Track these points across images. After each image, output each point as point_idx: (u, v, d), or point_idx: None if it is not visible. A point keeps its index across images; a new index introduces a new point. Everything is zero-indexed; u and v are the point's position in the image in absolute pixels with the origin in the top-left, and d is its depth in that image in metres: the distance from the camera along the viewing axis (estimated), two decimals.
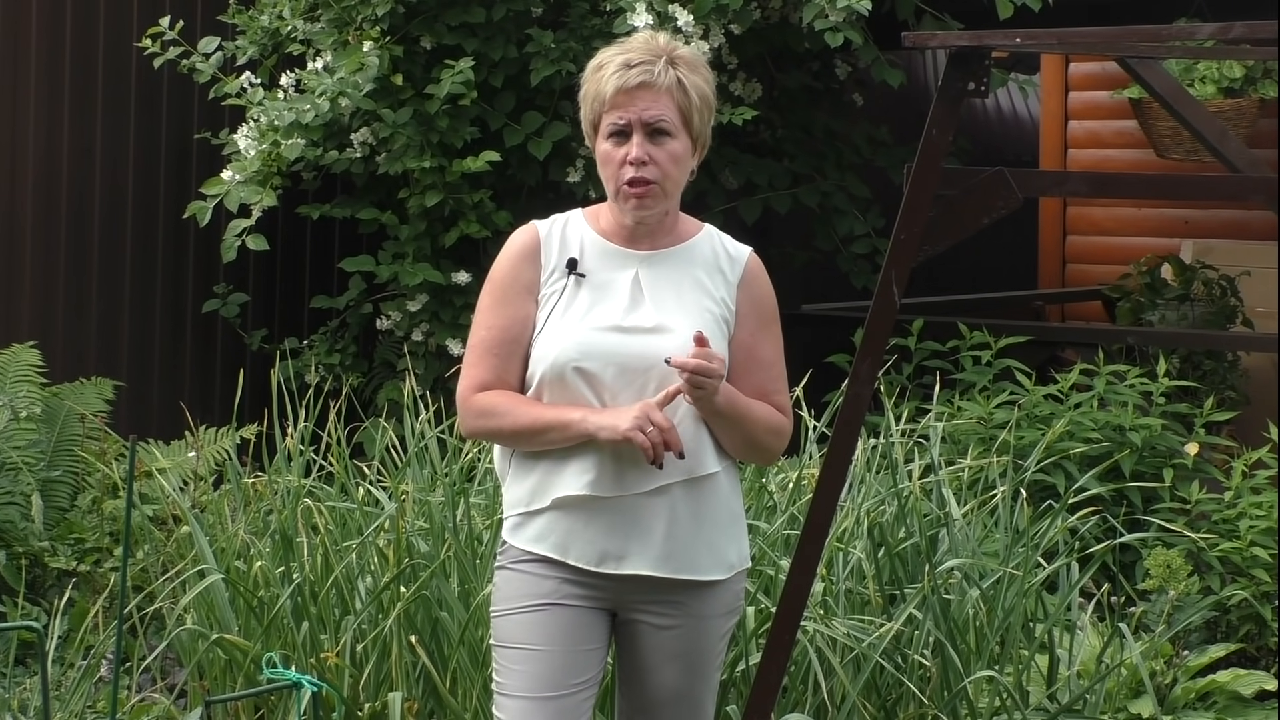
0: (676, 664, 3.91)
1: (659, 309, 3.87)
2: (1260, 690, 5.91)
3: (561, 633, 3.85)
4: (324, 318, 8.31)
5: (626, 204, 3.87)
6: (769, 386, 3.95)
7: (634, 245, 3.92)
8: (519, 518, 3.90)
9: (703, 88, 3.90)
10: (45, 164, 7.98)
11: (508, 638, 3.88)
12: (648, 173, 3.84)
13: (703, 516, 3.86)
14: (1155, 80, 7.70)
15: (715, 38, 7.39)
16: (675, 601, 3.88)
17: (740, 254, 4.00)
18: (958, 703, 5.33)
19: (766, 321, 3.99)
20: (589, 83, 3.92)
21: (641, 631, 3.90)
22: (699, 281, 3.93)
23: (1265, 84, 8.85)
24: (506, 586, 3.90)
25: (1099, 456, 7.01)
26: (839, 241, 8.49)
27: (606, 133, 3.88)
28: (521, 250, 3.94)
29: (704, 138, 3.93)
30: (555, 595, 3.85)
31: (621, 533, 3.83)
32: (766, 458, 4.03)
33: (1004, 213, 4.34)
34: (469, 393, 3.92)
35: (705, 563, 3.88)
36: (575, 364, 3.82)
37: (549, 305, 3.89)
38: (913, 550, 5.67)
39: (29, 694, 5.72)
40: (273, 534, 5.80)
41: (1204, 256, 9.24)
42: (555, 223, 3.97)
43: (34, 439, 6.98)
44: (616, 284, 3.89)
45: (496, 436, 3.93)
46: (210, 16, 8.24)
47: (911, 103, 10.14)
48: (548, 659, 3.84)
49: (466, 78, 7.46)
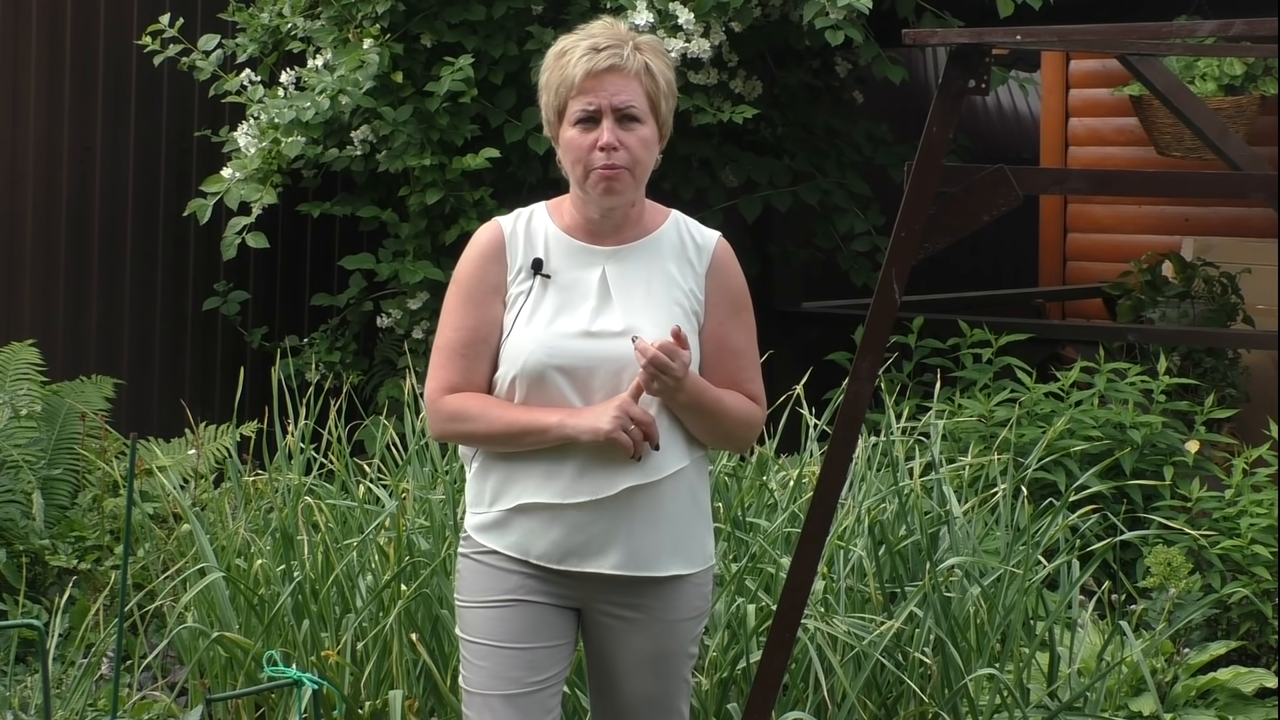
0: (647, 668, 3.88)
1: (627, 310, 3.82)
2: (1261, 687, 5.91)
3: (524, 630, 3.82)
4: (324, 315, 8.31)
5: (596, 189, 3.81)
6: (740, 375, 3.90)
7: (600, 241, 3.87)
8: (479, 514, 3.88)
9: (667, 74, 3.87)
10: (45, 162, 7.98)
11: (472, 631, 3.86)
12: (619, 158, 3.78)
13: (667, 514, 3.83)
14: (1156, 77, 7.70)
15: (716, 35, 7.39)
16: (640, 604, 3.84)
17: (708, 241, 3.93)
18: (958, 701, 5.33)
19: (737, 309, 3.92)
20: (551, 70, 3.87)
21: (609, 635, 3.87)
22: (667, 274, 3.87)
23: (1266, 81, 8.84)
24: (470, 577, 3.88)
25: (1100, 454, 7.01)
26: (839, 239, 8.48)
27: (574, 119, 3.81)
28: (485, 249, 3.88)
29: (668, 125, 3.88)
30: (518, 591, 3.83)
31: (584, 533, 3.80)
32: (739, 446, 4.01)
33: (1004, 210, 4.34)
34: (438, 395, 3.86)
35: (668, 560, 3.84)
36: (551, 366, 3.78)
37: (515, 307, 3.84)
38: (913, 548, 5.67)
39: (30, 692, 5.72)
40: (273, 532, 5.80)
41: (1205, 254, 9.24)
42: (519, 218, 3.91)
43: (34, 437, 6.98)
44: (584, 284, 3.84)
45: (469, 440, 3.88)
46: (210, 14, 8.24)
47: (912, 100, 10.15)
48: (511, 656, 3.82)
49: (467, 75, 7.46)
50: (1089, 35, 4.78)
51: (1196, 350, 8.42)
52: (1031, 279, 10.75)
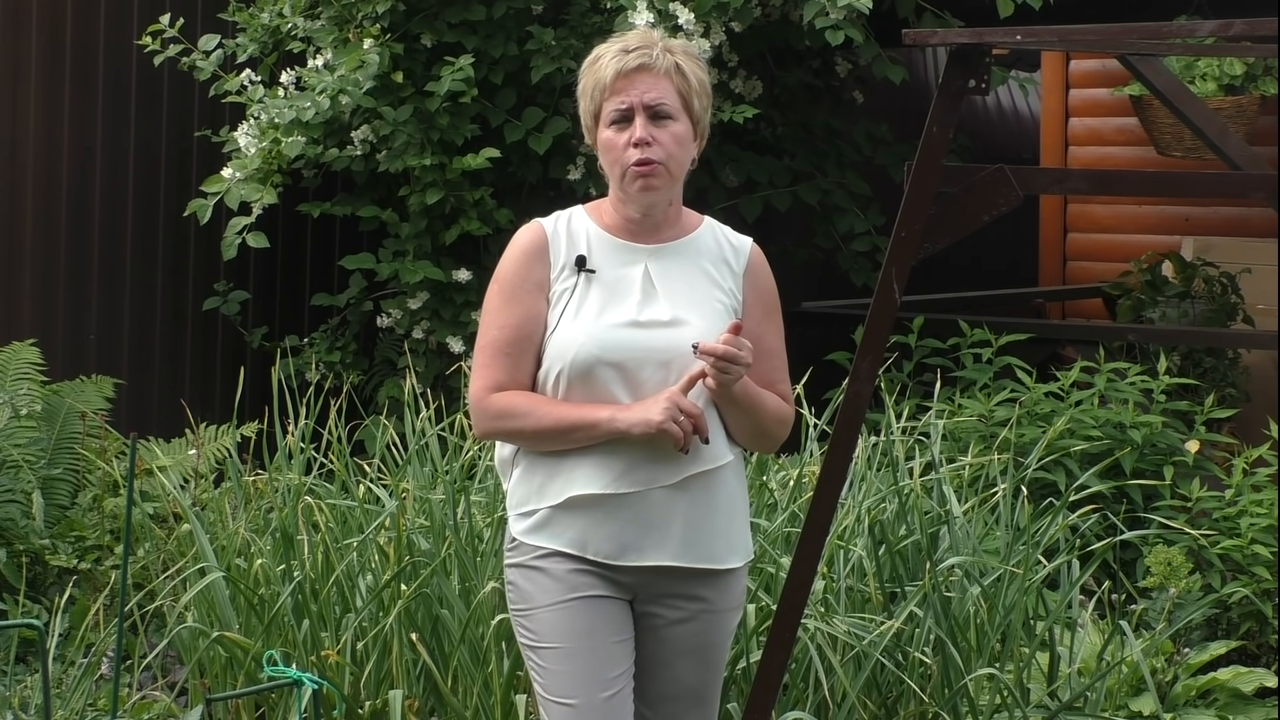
0: (690, 659, 3.91)
1: (672, 302, 3.87)
2: (1261, 687, 5.91)
3: (595, 626, 3.83)
4: (324, 315, 8.31)
5: (633, 186, 3.86)
6: (774, 376, 3.96)
7: (640, 239, 3.92)
8: (529, 515, 3.87)
9: (700, 75, 3.92)
10: (45, 162, 7.98)
11: (542, 637, 3.84)
12: (652, 153, 3.83)
13: (717, 506, 3.87)
14: (1156, 77, 7.70)
15: (716, 35, 7.39)
16: (691, 595, 3.88)
17: (743, 245, 4.02)
18: (958, 700, 5.33)
19: (770, 311, 4.00)
20: (586, 75, 3.92)
21: (656, 625, 3.89)
22: (707, 273, 3.93)
23: (1266, 81, 8.84)
24: (527, 585, 3.86)
25: (1100, 454, 7.01)
26: (839, 239, 8.49)
27: (609, 120, 3.87)
28: (529, 248, 3.91)
29: (704, 125, 3.93)
30: (581, 589, 3.83)
31: (640, 525, 3.82)
32: (770, 446, 4.04)
33: (1005, 210, 4.34)
34: (484, 394, 3.87)
35: (722, 551, 3.89)
36: (599, 360, 3.81)
37: (561, 304, 3.87)
38: (913, 548, 5.67)
39: (30, 692, 5.72)
40: (273, 532, 5.80)
41: (1204, 254, 9.24)
42: (559, 219, 3.95)
43: (35, 437, 6.98)
44: (627, 279, 3.88)
45: (516, 437, 3.88)
46: (210, 14, 8.24)
47: (912, 100, 10.15)
48: (587, 655, 3.81)
49: (467, 75, 7.46)
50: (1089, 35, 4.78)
51: (1196, 350, 8.42)
52: (1032, 279, 10.75)
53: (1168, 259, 9.09)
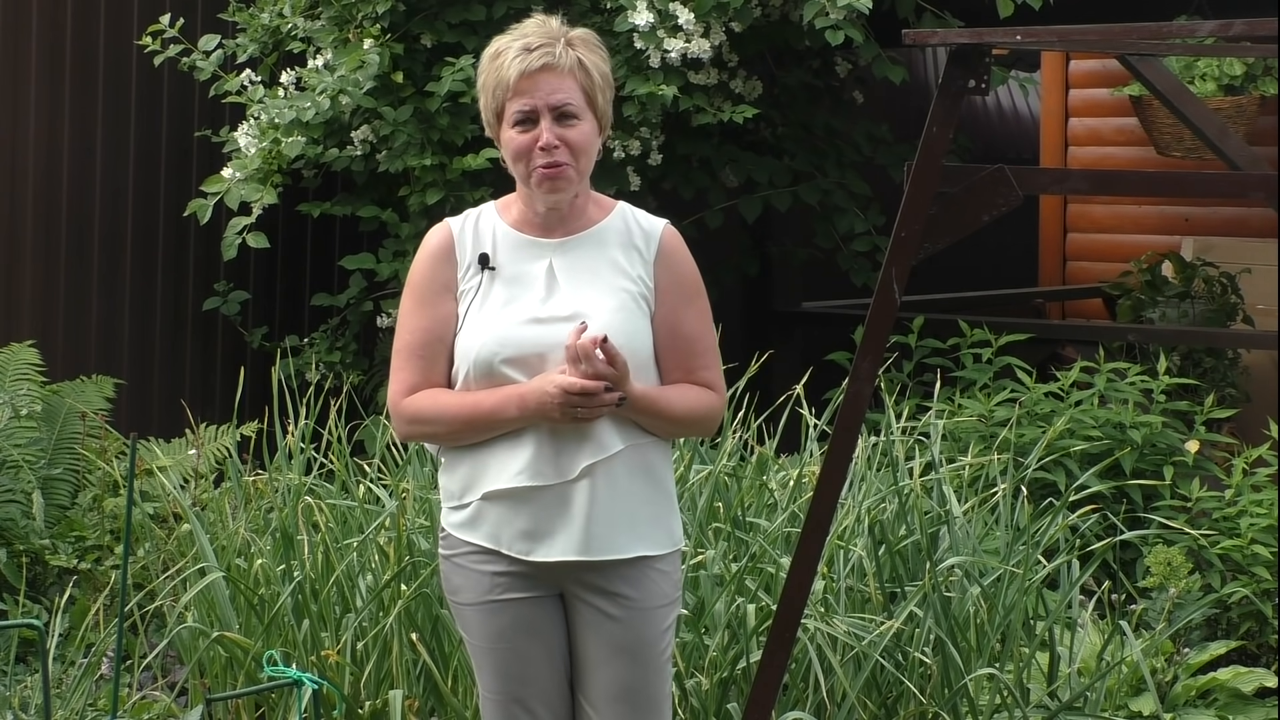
0: (624, 657, 3.89)
1: (575, 296, 3.86)
2: (1261, 687, 5.91)
3: (511, 629, 3.88)
4: (324, 315, 8.31)
5: (540, 188, 3.87)
6: (694, 363, 3.92)
7: (546, 234, 3.92)
8: (455, 510, 3.92)
9: (602, 66, 3.91)
10: (45, 162, 7.98)
11: (467, 630, 3.95)
12: (560, 156, 3.84)
13: (624, 493, 3.85)
14: (1156, 78, 7.69)
15: (716, 35, 7.39)
16: (612, 591, 3.86)
17: (654, 228, 3.96)
18: (958, 701, 5.33)
19: (689, 296, 3.95)
20: (487, 72, 3.91)
21: (586, 622, 3.90)
22: (614, 262, 3.91)
23: (1265, 81, 8.85)
24: (455, 578, 3.94)
25: (1099, 454, 7.01)
26: (839, 239, 8.48)
27: (512, 120, 3.86)
28: (436, 250, 3.95)
29: (607, 116, 3.93)
30: (499, 590, 3.88)
31: (546, 518, 3.84)
32: (696, 435, 4.02)
33: (1004, 210, 4.34)
34: (399, 397, 3.92)
35: (625, 541, 3.86)
36: (500, 357, 3.82)
37: (466, 301, 3.90)
38: (913, 548, 5.67)
39: (30, 692, 5.72)
40: (273, 532, 5.80)
41: (1204, 254, 9.24)
42: (468, 218, 3.97)
43: (34, 437, 6.99)
44: (530, 275, 3.89)
45: (434, 440, 3.96)
46: (210, 14, 8.23)
47: (912, 100, 10.15)
48: (504, 654, 3.88)
49: (467, 75, 7.46)
50: (1089, 35, 4.78)
51: (1196, 350, 8.42)
52: (1031, 279, 10.75)
53: (1168, 259, 9.09)
